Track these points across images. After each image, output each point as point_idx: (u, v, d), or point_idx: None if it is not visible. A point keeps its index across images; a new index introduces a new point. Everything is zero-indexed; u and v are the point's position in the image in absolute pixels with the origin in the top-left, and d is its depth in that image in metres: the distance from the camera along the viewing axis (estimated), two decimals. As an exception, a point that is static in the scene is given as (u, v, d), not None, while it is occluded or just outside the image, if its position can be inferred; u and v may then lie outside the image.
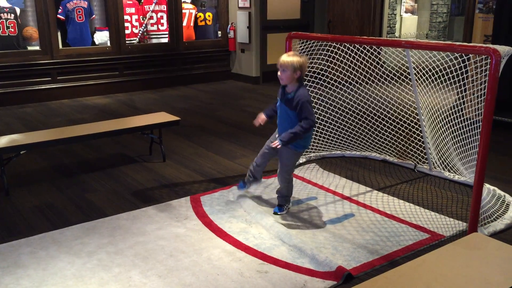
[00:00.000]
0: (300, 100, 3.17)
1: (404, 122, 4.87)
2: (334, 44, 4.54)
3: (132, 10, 8.50)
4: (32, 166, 4.65)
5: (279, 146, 3.27)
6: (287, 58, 3.19)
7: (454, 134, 4.02)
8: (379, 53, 4.83)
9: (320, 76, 4.82)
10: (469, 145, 3.74)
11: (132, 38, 8.53)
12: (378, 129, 4.96)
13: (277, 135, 3.42)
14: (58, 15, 7.66)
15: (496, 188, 3.98)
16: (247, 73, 9.12)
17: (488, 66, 2.92)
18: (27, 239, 3.19)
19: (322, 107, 4.78)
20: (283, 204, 3.61)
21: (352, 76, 4.83)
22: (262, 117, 3.52)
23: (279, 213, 3.55)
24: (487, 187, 3.88)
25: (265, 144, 3.55)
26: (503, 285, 2.20)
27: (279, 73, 3.23)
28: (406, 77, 4.44)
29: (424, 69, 4.20)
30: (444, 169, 4.36)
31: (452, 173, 4.28)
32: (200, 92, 8.34)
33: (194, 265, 2.88)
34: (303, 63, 3.20)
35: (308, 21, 9.58)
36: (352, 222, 3.44)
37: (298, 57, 3.19)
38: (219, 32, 9.42)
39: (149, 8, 8.67)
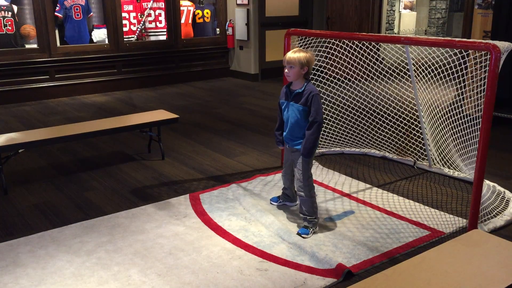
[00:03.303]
0: (311, 93, 3.11)
1: (404, 118, 4.86)
2: (333, 40, 4.52)
3: (130, 7, 8.48)
4: (31, 164, 4.63)
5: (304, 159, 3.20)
6: (294, 54, 3.13)
7: (454, 130, 4.01)
8: (378, 49, 4.82)
9: (319, 72, 4.82)
10: (469, 141, 3.73)
11: (130, 36, 8.50)
12: (378, 125, 4.95)
13: (287, 146, 3.36)
14: (55, 13, 7.63)
15: (496, 184, 3.97)
16: (245, 70, 9.10)
17: (488, 62, 2.90)
18: (26, 238, 3.18)
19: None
20: (308, 226, 3.23)
21: (351, 72, 4.82)
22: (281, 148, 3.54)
23: (303, 235, 3.17)
24: (487, 183, 3.87)
25: (283, 171, 3.56)
26: (503, 282, 2.20)
27: (286, 70, 3.17)
28: (405, 73, 4.43)
29: (423, 65, 4.19)
30: (443, 166, 4.35)
31: (452, 169, 4.28)
32: (199, 89, 8.32)
33: (194, 263, 2.87)
34: (310, 58, 3.14)
35: (307, 18, 9.56)
36: (352, 219, 3.43)
37: (304, 53, 3.14)
38: (218, 29, 9.40)
39: (147, 6, 8.65)
